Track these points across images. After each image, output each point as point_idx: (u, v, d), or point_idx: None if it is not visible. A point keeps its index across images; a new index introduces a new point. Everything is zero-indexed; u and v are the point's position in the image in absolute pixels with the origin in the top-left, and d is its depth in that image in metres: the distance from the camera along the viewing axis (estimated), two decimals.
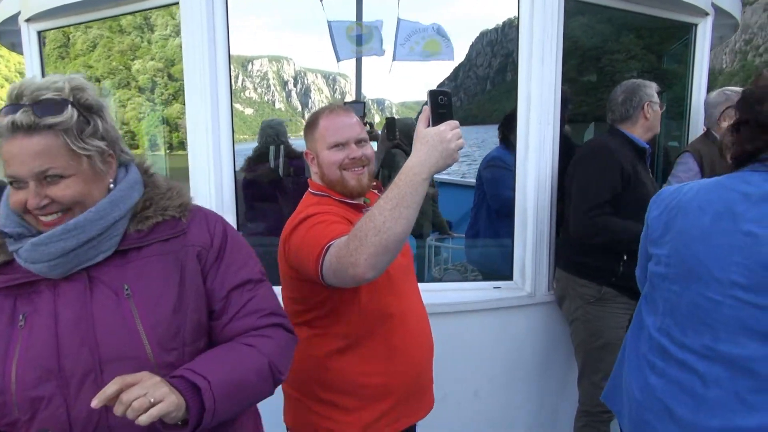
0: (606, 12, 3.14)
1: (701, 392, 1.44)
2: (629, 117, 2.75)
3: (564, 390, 3.08)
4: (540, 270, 2.88)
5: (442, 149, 1.39)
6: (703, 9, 3.25)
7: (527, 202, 2.85)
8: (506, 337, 2.93)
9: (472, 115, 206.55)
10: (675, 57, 3.60)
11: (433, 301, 2.80)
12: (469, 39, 69.25)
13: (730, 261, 1.40)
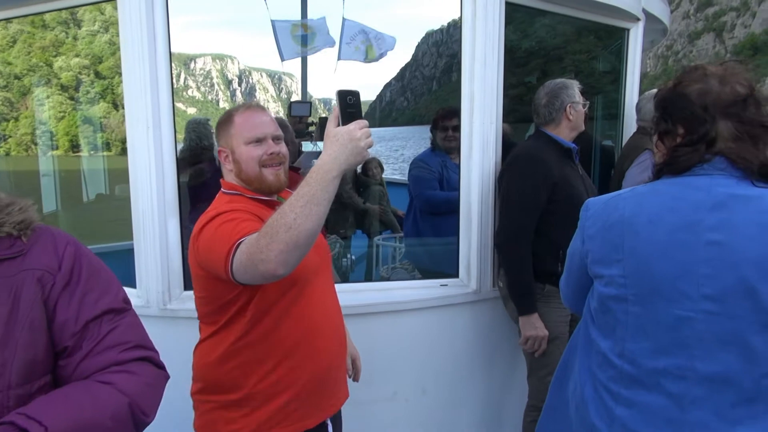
0: (545, 16, 3.26)
1: (678, 416, 1.39)
2: (553, 119, 2.84)
3: (510, 385, 3.18)
4: (485, 267, 2.97)
5: (351, 147, 1.45)
6: (635, 14, 3.42)
7: (472, 201, 2.93)
8: (454, 333, 3.01)
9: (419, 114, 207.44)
10: (610, 59, 3.77)
11: (382, 300, 2.87)
12: (415, 39, 68.96)
13: (697, 274, 1.35)
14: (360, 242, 5.12)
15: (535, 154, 2.78)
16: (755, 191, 1.36)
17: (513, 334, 3.02)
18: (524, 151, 2.85)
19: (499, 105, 2.88)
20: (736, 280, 1.32)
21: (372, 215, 4.99)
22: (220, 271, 1.59)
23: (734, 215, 1.34)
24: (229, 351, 1.81)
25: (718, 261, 1.33)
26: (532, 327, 2.73)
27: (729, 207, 1.35)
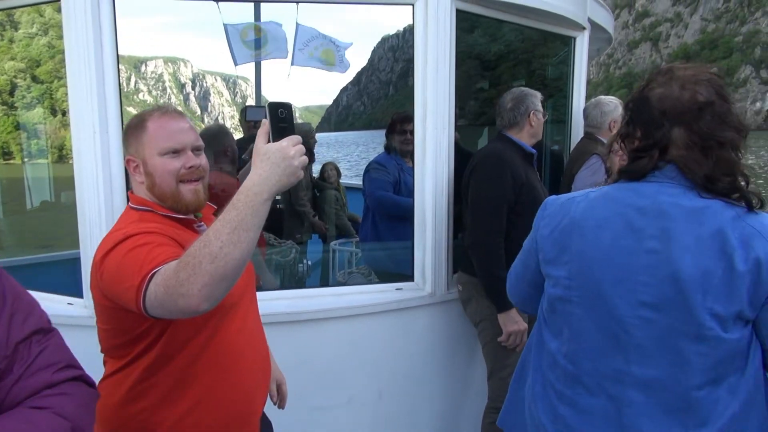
0: (496, 24, 3.33)
1: (615, 418, 1.41)
2: (516, 123, 2.94)
3: (467, 387, 3.21)
4: (439, 270, 2.99)
5: (284, 166, 1.28)
6: (580, 23, 3.52)
7: (426, 206, 2.95)
8: (410, 336, 3.02)
9: (376, 119, 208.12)
10: (558, 67, 3.88)
11: (337, 305, 2.87)
12: (371, 43, 68.67)
13: (636, 281, 1.37)
14: (316, 247, 5.11)
15: (502, 155, 2.85)
16: (699, 202, 1.35)
17: (470, 336, 3.06)
18: (492, 152, 2.91)
19: (451, 110, 2.92)
20: (670, 289, 1.33)
21: (317, 230, 4.96)
22: (129, 304, 1.38)
23: (674, 225, 1.35)
24: (136, 390, 1.59)
25: (655, 269, 1.35)
26: (513, 322, 2.76)
27: (671, 216, 1.36)
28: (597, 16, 3.78)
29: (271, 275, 3.56)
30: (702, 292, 1.31)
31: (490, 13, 3.09)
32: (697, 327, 1.32)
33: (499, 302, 2.77)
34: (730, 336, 1.31)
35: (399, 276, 3.15)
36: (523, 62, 3.95)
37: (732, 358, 1.33)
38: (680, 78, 1.40)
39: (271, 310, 2.72)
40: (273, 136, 1.32)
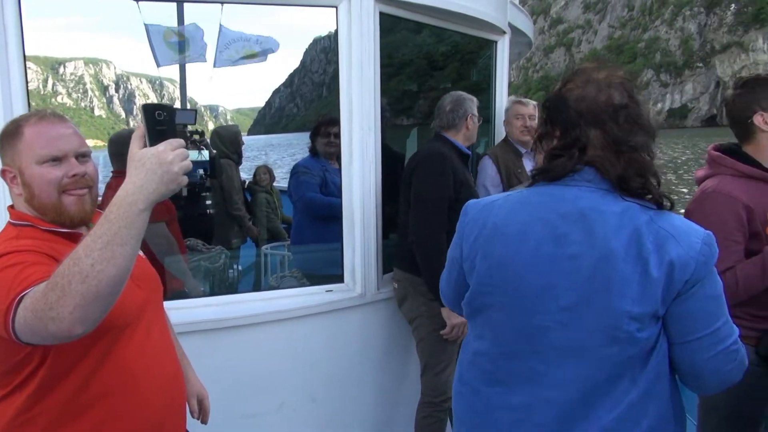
0: (422, 27, 3.31)
1: (527, 417, 1.43)
2: (454, 125, 2.96)
3: (401, 385, 3.17)
4: (369, 271, 2.93)
5: (162, 173, 1.16)
6: (501, 28, 3.54)
7: (354, 206, 2.88)
8: (342, 338, 2.94)
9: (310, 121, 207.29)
10: (481, 70, 3.90)
11: (267, 309, 2.76)
12: (303, 45, 68.38)
13: (558, 286, 1.36)
14: (250, 252, 4.95)
15: (443, 153, 2.84)
16: (617, 206, 1.35)
17: (402, 334, 3.01)
18: (434, 151, 2.89)
19: (377, 111, 2.86)
20: (590, 294, 1.33)
21: (251, 235, 4.81)
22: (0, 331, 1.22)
23: (595, 230, 1.34)
24: (20, 420, 1.41)
25: (577, 274, 1.34)
26: (456, 315, 2.73)
27: (590, 221, 1.35)
28: (517, 21, 3.83)
29: (195, 282, 3.40)
30: (620, 296, 1.30)
31: (413, 16, 3.05)
32: (614, 330, 1.32)
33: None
34: (643, 335, 1.33)
35: (331, 278, 3.08)
36: (450, 65, 3.96)
37: (640, 354, 1.35)
38: (596, 80, 1.40)
39: (198, 317, 2.60)
40: (150, 140, 1.20)
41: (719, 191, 2.07)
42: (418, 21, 3.11)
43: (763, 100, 2.07)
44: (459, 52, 3.92)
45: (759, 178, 2.08)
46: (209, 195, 4.19)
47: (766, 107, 2.06)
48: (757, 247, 2.05)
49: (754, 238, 2.05)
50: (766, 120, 2.06)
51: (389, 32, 3.03)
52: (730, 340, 1.38)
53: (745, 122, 2.11)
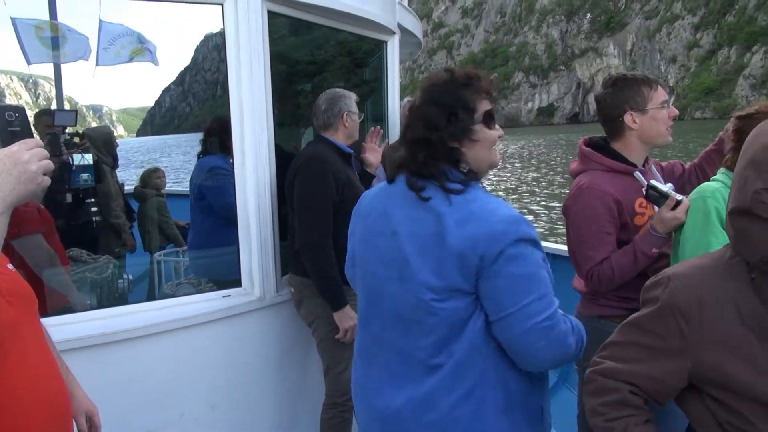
0: (315, 27, 3.17)
1: (364, 378, 1.59)
2: (331, 125, 2.80)
3: (303, 387, 3.02)
4: (267, 273, 2.76)
5: (18, 173, 1.09)
6: (390, 28, 3.47)
7: (249, 208, 2.71)
8: (242, 343, 2.76)
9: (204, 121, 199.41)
10: (374, 69, 3.82)
11: (161, 319, 2.52)
12: (193, 42, 63.28)
13: (384, 259, 1.51)
14: (143, 260, 4.55)
15: (322, 156, 2.69)
16: (427, 192, 1.47)
17: (304, 336, 2.87)
18: (312, 154, 2.73)
19: (269, 111, 2.70)
20: (402, 266, 1.46)
21: (127, 244, 4.35)
22: None
23: (404, 212, 1.49)
24: None
25: (393, 250, 1.48)
26: (349, 318, 2.63)
27: (402, 204, 1.50)
28: (406, 22, 3.78)
29: (80, 295, 3.05)
30: (420, 269, 1.43)
31: (302, 15, 2.91)
32: (417, 300, 1.44)
33: (333, 301, 2.62)
34: (443, 306, 1.42)
35: (230, 282, 2.88)
36: (342, 64, 3.84)
37: (451, 326, 1.44)
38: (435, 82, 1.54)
39: (85, 333, 2.34)
40: (3, 141, 1.13)
41: (592, 187, 2.13)
42: (307, 20, 2.97)
43: (632, 100, 2.14)
44: (353, 52, 3.81)
45: (624, 172, 2.17)
46: (94, 201, 3.77)
47: (635, 107, 2.13)
48: (626, 237, 2.14)
49: (623, 228, 2.14)
50: (635, 119, 2.14)
51: (283, 31, 2.87)
52: (539, 317, 1.39)
53: (616, 120, 2.17)
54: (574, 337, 1.46)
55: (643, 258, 2.07)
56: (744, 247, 1.18)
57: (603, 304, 2.22)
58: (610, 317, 2.20)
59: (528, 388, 1.50)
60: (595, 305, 2.24)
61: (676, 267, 1.30)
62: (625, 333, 1.32)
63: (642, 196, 2.15)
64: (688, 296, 1.21)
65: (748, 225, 1.15)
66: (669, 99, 2.18)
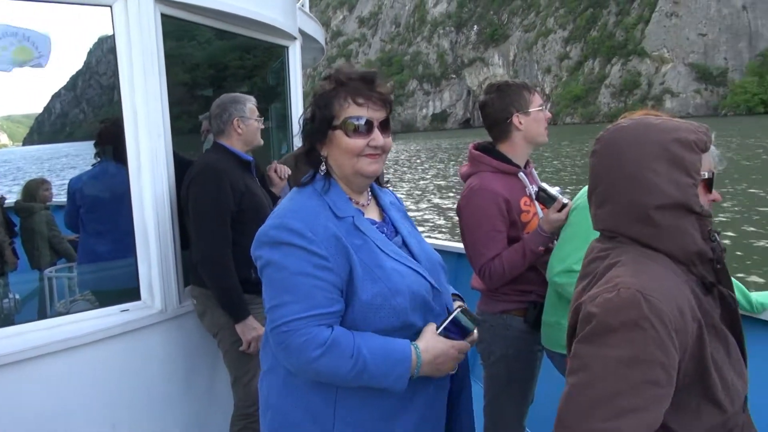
0: (215, 31, 2.98)
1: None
2: (223, 131, 2.62)
3: (212, 400, 2.84)
4: (169, 284, 2.56)
5: None
6: (291, 33, 3.36)
7: (147, 218, 2.50)
8: (143, 359, 2.53)
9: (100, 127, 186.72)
10: (277, 75, 3.68)
11: (53, 339, 2.25)
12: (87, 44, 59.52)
13: None
14: (29, 277, 4.07)
15: (218, 165, 2.51)
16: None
17: (211, 347, 2.69)
18: (208, 162, 2.54)
19: (165, 117, 2.50)
20: None
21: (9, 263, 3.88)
22: None
23: None
24: None
25: None
26: (252, 329, 2.47)
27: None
28: (308, 27, 3.68)
29: None
30: None
31: (197, 19, 2.73)
32: None
33: (235, 313, 2.47)
34: None
35: (128, 296, 2.63)
36: (244, 69, 3.66)
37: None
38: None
39: None
40: None
41: (483, 188, 2.18)
42: (204, 24, 2.79)
43: (517, 103, 2.20)
44: (254, 57, 3.64)
45: (510, 173, 2.24)
46: None
47: (519, 109, 2.20)
48: (515, 234, 2.20)
49: (512, 225, 2.20)
50: (521, 120, 2.20)
51: (181, 35, 2.67)
52: (276, 323, 1.33)
53: (503, 122, 2.23)
54: (351, 361, 1.31)
55: (530, 255, 2.14)
56: (679, 243, 1.13)
57: (504, 299, 2.26)
58: (511, 311, 2.25)
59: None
60: (497, 302, 2.27)
61: (631, 278, 1.07)
62: (621, 375, 0.99)
63: (526, 195, 2.23)
64: (671, 306, 1.04)
65: (682, 220, 1.12)
66: (545, 104, 2.27)
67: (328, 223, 1.37)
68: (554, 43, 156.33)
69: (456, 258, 3.81)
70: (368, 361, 1.31)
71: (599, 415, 0.96)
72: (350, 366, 1.30)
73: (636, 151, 1.13)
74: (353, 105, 1.39)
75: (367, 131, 1.39)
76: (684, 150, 1.12)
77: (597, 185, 1.21)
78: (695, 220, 1.13)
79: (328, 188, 1.43)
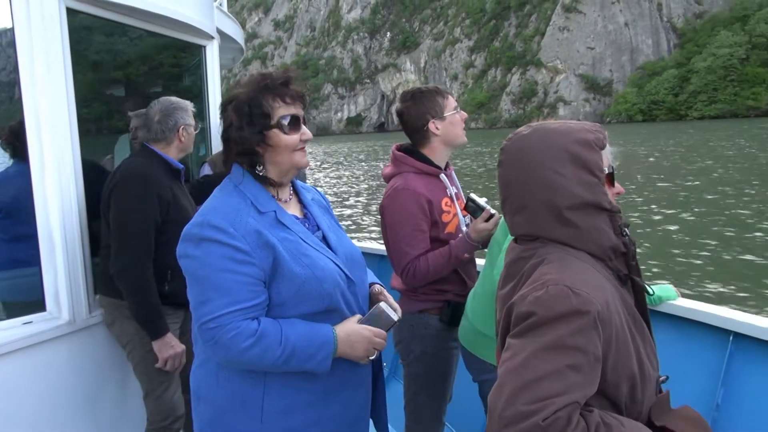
0: (129, 29, 2.76)
1: None
2: (165, 138, 2.44)
3: (124, 414, 2.63)
4: (77, 294, 2.34)
5: None
6: (208, 33, 3.19)
7: (52, 224, 2.27)
8: (48, 374, 2.29)
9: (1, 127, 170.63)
10: (193, 74, 3.49)
11: None
12: None
13: None
14: None
15: (146, 173, 2.32)
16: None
17: (122, 358, 2.50)
18: (134, 169, 2.34)
19: (72, 117, 2.29)
20: None
21: None
22: None
23: None
24: None
25: None
26: (169, 347, 2.31)
27: None
28: (226, 27, 3.50)
29: None
30: None
31: (107, 15, 2.51)
32: None
33: (153, 330, 2.30)
34: None
35: (31, 307, 2.38)
36: (159, 69, 3.42)
37: None
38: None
39: None
40: None
41: (406, 188, 2.18)
42: (116, 21, 2.58)
43: (432, 110, 2.22)
44: (171, 56, 3.42)
45: (432, 174, 2.26)
46: None
47: (435, 115, 2.22)
48: (435, 233, 2.22)
49: (434, 225, 2.21)
50: (437, 126, 2.22)
51: (90, 31, 2.45)
52: (202, 320, 1.35)
53: (421, 129, 2.24)
54: (279, 349, 1.36)
55: (455, 261, 2.16)
56: (596, 241, 1.14)
57: (422, 299, 2.27)
58: (429, 311, 2.26)
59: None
60: (416, 301, 2.28)
61: (558, 274, 1.08)
62: (547, 360, 1.00)
63: (447, 196, 2.25)
64: (598, 299, 1.05)
65: (595, 218, 1.14)
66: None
67: (249, 219, 1.39)
68: (461, 52, 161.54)
69: (378, 260, 3.80)
70: (296, 347, 1.37)
71: (524, 399, 0.97)
72: (279, 353, 1.35)
73: (540, 156, 1.15)
74: (283, 104, 1.45)
75: (298, 127, 1.47)
76: (585, 150, 1.15)
77: (509, 194, 1.21)
78: (606, 216, 1.15)
79: (249, 185, 1.46)
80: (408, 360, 2.33)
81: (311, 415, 1.44)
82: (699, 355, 2.11)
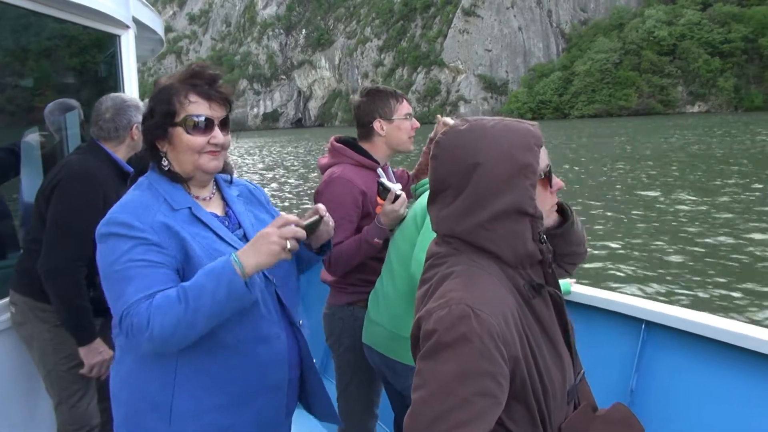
0: (34, 15, 2.43)
1: None
2: (117, 137, 2.22)
3: (30, 426, 2.37)
4: None
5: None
6: (122, 21, 2.90)
7: None
8: None
9: None
10: (108, 65, 3.15)
11: None
12: None
13: None
14: None
15: (93, 173, 2.10)
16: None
17: (29, 363, 2.23)
18: (82, 170, 2.10)
19: None
20: None
21: None
22: None
23: None
24: None
25: None
26: (97, 353, 2.10)
27: None
28: (143, 16, 3.19)
29: None
30: None
31: (14, 0, 2.21)
32: None
33: (80, 335, 2.08)
34: None
35: None
36: (71, 59, 3.05)
37: None
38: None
39: None
40: None
41: (342, 177, 2.12)
42: (23, 7, 2.27)
43: (381, 110, 2.18)
44: (83, 46, 3.06)
45: (369, 167, 2.21)
46: None
47: (383, 115, 2.18)
48: (367, 225, 2.14)
49: (366, 217, 2.15)
50: (383, 126, 2.19)
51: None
52: (116, 319, 1.29)
53: (367, 125, 2.20)
54: (181, 305, 1.24)
55: (366, 246, 2.07)
56: (512, 246, 1.08)
57: (350, 291, 2.20)
58: (357, 303, 2.19)
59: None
60: (345, 293, 2.21)
61: (462, 292, 1.03)
62: (453, 392, 0.97)
63: None
64: (498, 319, 1.01)
65: (517, 223, 1.07)
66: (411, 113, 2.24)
67: (157, 215, 1.32)
68: (371, 51, 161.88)
69: None
70: (195, 291, 1.24)
71: (438, 430, 0.95)
72: (183, 308, 1.22)
73: (474, 155, 1.07)
74: (194, 103, 1.35)
75: (208, 129, 1.36)
76: (521, 152, 1.07)
77: (439, 189, 1.13)
78: (528, 222, 1.08)
79: (163, 183, 1.39)
80: (338, 352, 2.26)
81: (223, 420, 1.35)
82: (614, 343, 2.13)
